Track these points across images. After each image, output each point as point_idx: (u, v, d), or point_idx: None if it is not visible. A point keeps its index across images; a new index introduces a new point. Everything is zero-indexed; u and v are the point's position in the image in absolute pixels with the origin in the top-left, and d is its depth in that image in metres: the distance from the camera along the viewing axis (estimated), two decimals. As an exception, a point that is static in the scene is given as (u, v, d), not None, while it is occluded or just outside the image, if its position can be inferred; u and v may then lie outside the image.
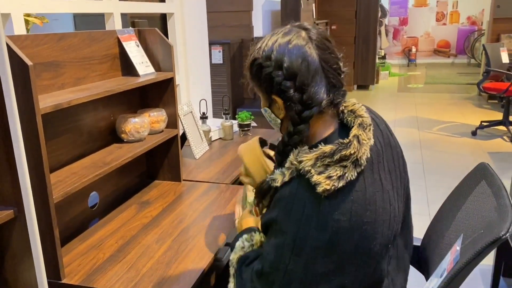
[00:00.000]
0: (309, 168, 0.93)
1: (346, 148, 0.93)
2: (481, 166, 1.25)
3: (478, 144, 4.72)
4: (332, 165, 0.92)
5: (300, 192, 0.94)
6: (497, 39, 6.72)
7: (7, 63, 0.97)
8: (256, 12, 4.84)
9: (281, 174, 0.99)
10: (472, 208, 1.19)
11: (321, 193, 0.91)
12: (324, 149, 0.94)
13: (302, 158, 0.95)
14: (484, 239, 0.91)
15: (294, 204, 0.94)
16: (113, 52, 1.76)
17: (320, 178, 0.91)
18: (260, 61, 0.99)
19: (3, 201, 1.07)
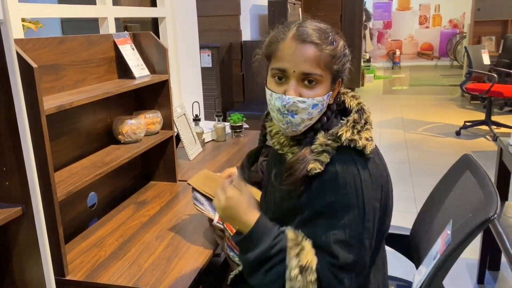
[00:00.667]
0: (351, 137, 1.00)
1: (365, 113, 1.06)
2: (465, 157, 1.33)
3: (462, 143, 4.85)
4: (362, 130, 1.03)
5: (348, 164, 0.99)
6: (478, 41, 6.90)
7: (16, 68, 1.01)
8: (244, 16, 4.90)
9: (316, 161, 0.99)
10: (458, 197, 1.27)
11: (368, 154, 1.01)
12: (353, 118, 1.04)
13: (339, 133, 1.01)
14: (474, 221, 0.99)
15: (347, 177, 0.98)
16: (110, 55, 1.80)
17: (363, 141, 1.00)
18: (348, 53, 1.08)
19: (11, 198, 1.11)
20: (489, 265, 2.45)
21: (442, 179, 1.47)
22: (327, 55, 1.01)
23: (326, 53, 1.01)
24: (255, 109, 4.36)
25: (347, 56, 1.06)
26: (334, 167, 0.99)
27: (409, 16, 11.37)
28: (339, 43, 1.05)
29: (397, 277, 1.54)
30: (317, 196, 1.01)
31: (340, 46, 1.05)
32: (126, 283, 1.28)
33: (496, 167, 2.33)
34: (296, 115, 1.03)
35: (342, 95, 1.12)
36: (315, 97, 1.02)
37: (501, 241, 1.95)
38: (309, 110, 1.02)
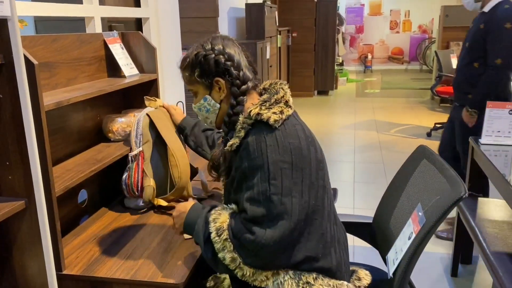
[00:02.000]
0: (258, 111, 1.21)
1: (277, 94, 1.26)
2: (420, 148, 1.49)
3: (433, 144, 5.03)
4: (273, 107, 1.22)
5: (258, 134, 1.20)
6: (447, 46, 7.16)
7: (22, 63, 1.03)
8: (222, 18, 4.95)
9: (236, 137, 1.23)
10: (419, 183, 1.42)
11: (273, 124, 1.19)
12: (263, 98, 1.26)
13: (250, 110, 1.22)
14: (446, 201, 1.15)
15: (256, 144, 1.18)
16: (100, 54, 1.82)
17: (269, 114, 1.20)
18: (204, 52, 1.28)
19: (14, 192, 1.12)
20: (462, 259, 2.57)
21: (400, 169, 1.60)
22: (185, 74, 1.33)
23: (184, 73, 1.34)
24: (233, 110, 4.40)
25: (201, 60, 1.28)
26: (247, 139, 1.21)
27: (380, 21, 11.67)
28: (191, 57, 1.30)
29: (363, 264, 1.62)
30: (238, 165, 1.22)
31: (191, 59, 1.29)
32: (124, 276, 1.31)
33: (468, 166, 2.46)
34: (198, 116, 1.38)
35: (274, 84, 1.33)
36: (196, 104, 1.34)
37: (474, 235, 2.06)
38: (200, 113, 1.35)
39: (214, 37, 1.32)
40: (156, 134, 1.73)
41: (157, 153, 1.75)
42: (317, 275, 1.23)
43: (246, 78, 1.29)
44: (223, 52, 1.28)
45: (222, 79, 1.28)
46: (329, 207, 1.29)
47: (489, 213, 2.24)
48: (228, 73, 1.28)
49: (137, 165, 1.70)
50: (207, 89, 1.31)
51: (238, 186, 1.23)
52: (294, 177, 1.18)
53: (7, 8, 1.00)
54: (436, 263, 2.60)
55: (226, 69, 1.27)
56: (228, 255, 1.18)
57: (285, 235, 1.16)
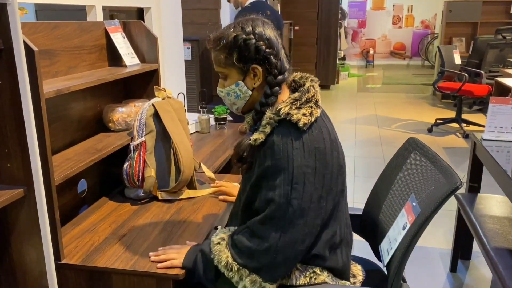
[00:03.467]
0: (288, 111, 1.17)
1: (308, 92, 1.21)
2: (411, 140, 1.50)
3: (434, 140, 5.02)
4: (303, 107, 1.18)
5: (284, 135, 1.16)
6: (449, 42, 7.13)
7: (22, 49, 1.02)
8: (224, 10, 4.91)
9: (261, 132, 1.19)
10: (410, 175, 1.42)
11: (302, 127, 1.15)
12: (294, 96, 1.21)
13: (279, 107, 1.18)
14: (441, 191, 1.15)
15: (282, 145, 1.15)
16: (101, 42, 1.80)
17: (299, 115, 1.16)
18: (244, 36, 1.19)
19: (13, 180, 1.11)
20: (461, 255, 2.57)
21: (390, 161, 1.61)
22: (219, 55, 1.23)
23: (217, 53, 1.23)
24: (234, 103, 4.39)
25: (241, 43, 1.19)
26: (273, 137, 1.17)
27: (383, 16, 11.61)
28: (229, 39, 1.20)
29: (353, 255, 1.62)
30: (260, 162, 1.20)
31: (230, 41, 1.20)
32: (123, 266, 1.30)
33: (470, 161, 2.45)
34: (224, 100, 1.31)
35: (305, 79, 1.29)
36: (225, 87, 1.26)
37: (475, 230, 2.06)
38: (227, 98, 1.28)
39: (254, 19, 1.23)
40: (161, 125, 1.72)
41: (162, 145, 1.73)
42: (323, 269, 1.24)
43: (284, 68, 1.24)
44: (264, 38, 1.21)
45: (260, 67, 1.21)
46: (344, 210, 1.28)
47: (489, 208, 2.23)
48: (267, 61, 1.21)
49: (138, 155, 1.69)
50: (241, 74, 1.23)
51: (257, 183, 1.21)
52: (315, 182, 1.16)
53: (7, -8, 0.98)
54: (435, 259, 2.60)
55: (266, 57, 1.20)
56: (247, 280, 1.18)
57: (299, 240, 1.15)
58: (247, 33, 1.20)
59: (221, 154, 2.30)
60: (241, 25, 1.22)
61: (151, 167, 1.69)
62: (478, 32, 7.00)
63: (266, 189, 1.17)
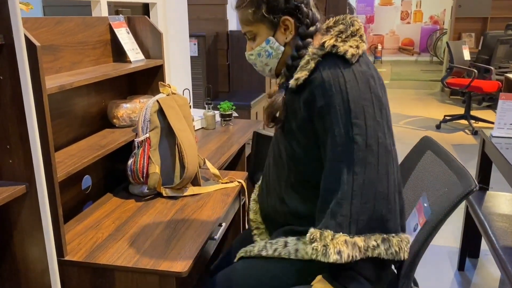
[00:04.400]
0: (333, 43, 1.08)
1: (353, 26, 1.13)
2: (424, 138, 1.45)
3: (442, 137, 4.97)
4: (348, 40, 1.09)
5: (332, 68, 1.06)
6: (458, 38, 7.05)
7: (23, 45, 1.01)
8: (230, 6, 4.89)
9: (303, 70, 1.09)
10: (424, 175, 1.38)
11: (350, 59, 1.06)
12: (338, 28, 1.12)
13: (323, 40, 1.10)
14: (455, 193, 1.10)
15: (333, 80, 1.05)
16: (105, 38, 1.79)
17: (346, 47, 1.07)
18: None
19: (15, 176, 1.11)
20: (469, 253, 2.54)
21: (403, 160, 1.57)
22: (245, 12, 1.16)
23: (245, 10, 1.16)
24: (240, 99, 4.37)
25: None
26: (320, 74, 1.07)
27: (391, 11, 11.51)
28: None
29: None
30: (311, 104, 1.09)
31: None
32: (126, 263, 1.29)
33: (479, 158, 2.41)
34: (256, 65, 1.24)
35: (342, 20, 1.19)
36: (255, 47, 1.19)
37: (483, 228, 2.03)
38: (259, 59, 1.21)
39: None
40: (166, 122, 1.70)
41: (166, 141, 1.72)
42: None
43: (315, 18, 1.16)
44: None
45: (291, 18, 1.14)
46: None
47: (498, 206, 2.20)
48: (299, 11, 1.13)
49: (143, 151, 1.68)
50: (271, 29, 1.16)
51: (305, 128, 1.10)
52: (376, 116, 1.04)
53: (8, -13, 0.97)
54: (443, 257, 2.57)
55: (297, 6, 1.13)
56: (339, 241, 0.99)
57: (376, 180, 1.01)
58: None
59: (226, 150, 2.29)
60: None
61: (156, 163, 1.68)
62: (488, 28, 6.91)
63: (322, 132, 1.07)
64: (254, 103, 4.31)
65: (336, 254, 0.98)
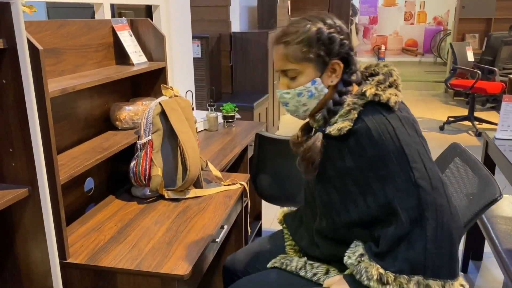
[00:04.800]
0: (374, 92, 1.10)
1: (391, 76, 1.15)
2: (453, 145, 1.42)
3: (446, 138, 4.95)
4: (387, 89, 1.11)
5: (377, 118, 1.08)
6: (462, 39, 7.03)
7: (26, 49, 1.01)
8: (233, 8, 4.90)
9: (345, 120, 1.10)
10: (450, 182, 1.34)
11: (394, 106, 1.08)
12: (378, 79, 1.14)
13: (364, 89, 1.11)
14: (480, 202, 1.08)
15: (380, 128, 1.06)
16: (108, 41, 1.80)
17: (387, 95, 1.09)
18: (328, 30, 1.12)
19: (18, 179, 1.11)
20: (473, 255, 2.53)
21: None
22: (295, 49, 1.12)
23: (293, 47, 1.13)
24: (243, 100, 4.38)
25: (325, 38, 1.12)
26: (364, 123, 1.08)
27: (395, 12, 11.49)
28: (310, 32, 1.12)
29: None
30: (358, 154, 1.08)
31: (310, 35, 1.12)
32: (128, 266, 1.29)
33: (482, 160, 2.40)
34: (287, 104, 1.19)
35: (375, 67, 1.22)
36: (296, 87, 1.15)
37: (486, 231, 2.02)
38: (296, 99, 1.16)
39: (326, 13, 1.17)
40: (168, 124, 1.71)
41: (169, 143, 1.73)
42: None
43: (357, 66, 1.18)
44: (344, 32, 1.14)
45: (342, 62, 1.14)
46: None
47: (502, 209, 2.19)
48: (349, 57, 1.15)
49: (145, 153, 1.68)
50: (319, 70, 1.14)
51: (364, 177, 1.09)
52: (430, 158, 1.07)
53: (11, -9, 0.98)
54: (446, 259, 2.56)
55: (348, 53, 1.14)
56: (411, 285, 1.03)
57: (447, 222, 1.02)
58: (330, 26, 1.13)
59: (228, 152, 2.29)
60: (319, 18, 1.14)
61: (158, 166, 1.68)
62: (492, 29, 6.89)
63: (379, 182, 1.06)
64: (257, 104, 4.32)
65: None
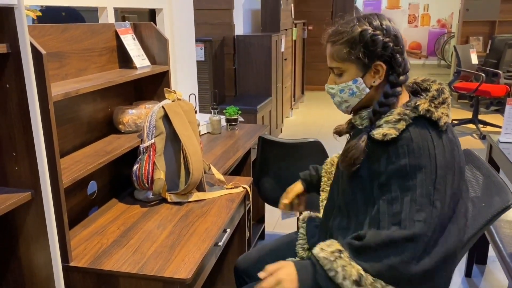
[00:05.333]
0: (428, 107, 1.12)
1: (443, 94, 1.17)
2: (466, 152, 1.39)
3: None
4: (440, 106, 1.14)
5: (423, 132, 1.10)
6: (466, 41, 7.01)
7: (29, 53, 1.02)
8: (237, 11, 4.91)
9: (392, 128, 1.12)
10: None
11: (442, 126, 1.11)
12: (432, 94, 1.16)
13: (418, 103, 1.13)
14: (493, 208, 1.09)
15: (422, 143, 1.09)
16: (111, 45, 1.81)
17: (439, 113, 1.12)
18: (371, 31, 1.15)
19: (21, 183, 1.12)
20: (477, 259, 2.52)
21: None
22: (339, 49, 1.18)
23: (338, 47, 1.18)
24: (247, 103, 4.38)
25: (369, 39, 1.14)
26: (409, 133, 1.11)
27: (398, 15, 11.48)
28: (355, 32, 1.16)
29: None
30: (393, 160, 1.11)
31: (355, 35, 1.15)
32: (130, 269, 1.29)
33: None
34: (334, 97, 1.25)
35: (426, 82, 1.24)
36: (339, 84, 1.21)
37: (490, 235, 2.01)
38: (339, 95, 1.23)
39: (378, 14, 1.19)
40: (171, 127, 1.71)
41: (171, 147, 1.73)
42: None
43: (407, 68, 1.19)
44: (391, 34, 1.16)
45: (384, 64, 1.16)
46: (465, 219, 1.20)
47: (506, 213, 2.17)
48: (393, 59, 1.16)
49: (148, 157, 1.69)
50: (361, 71, 1.18)
51: (388, 182, 1.11)
52: (454, 186, 1.10)
53: (14, -4, 0.98)
54: (450, 263, 2.55)
55: (393, 55, 1.15)
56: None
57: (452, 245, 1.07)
58: (375, 27, 1.15)
59: (231, 155, 2.29)
60: (367, 19, 1.17)
61: (161, 169, 1.69)
62: (496, 31, 6.87)
63: (403, 189, 1.08)
64: (260, 107, 4.32)
65: None
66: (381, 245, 1.06)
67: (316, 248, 1.14)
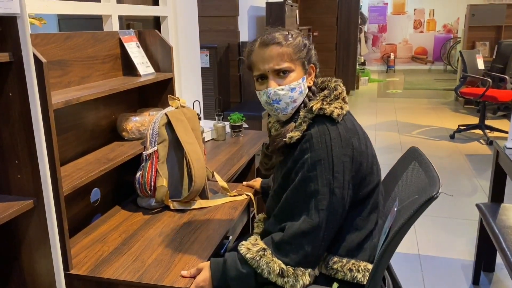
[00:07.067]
0: (320, 106, 1.26)
1: (336, 90, 1.32)
2: (412, 149, 1.53)
3: (456, 147, 4.90)
4: (333, 103, 1.27)
5: (320, 128, 1.24)
6: (472, 46, 6.98)
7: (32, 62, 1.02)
8: (241, 17, 4.92)
9: (296, 131, 1.27)
10: (405, 183, 1.43)
11: (336, 118, 1.24)
12: (323, 94, 1.31)
13: (311, 105, 1.28)
14: (420, 200, 1.14)
15: (320, 136, 1.22)
16: (115, 52, 1.82)
17: (331, 108, 1.25)
18: (308, 44, 1.34)
19: (23, 191, 1.12)
20: (484, 267, 2.48)
21: (391, 170, 1.62)
22: (289, 50, 1.28)
23: (287, 48, 1.28)
24: (252, 109, 4.38)
25: (307, 46, 1.33)
26: (310, 132, 1.25)
27: (404, 20, 11.47)
28: (297, 39, 1.31)
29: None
30: (298, 157, 1.26)
31: (298, 41, 1.31)
32: (130, 278, 1.29)
33: (492, 169, 2.37)
34: (280, 101, 1.30)
35: (327, 82, 1.37)
36: (290, 83, 1.29)
37: (497, 242, 1.98)
38: (289, 94, 1.30)
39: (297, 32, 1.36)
40: (174, 135, 1.71)
41: (174, 154, 1.73)
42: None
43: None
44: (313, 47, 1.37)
45: (315, 67, 1.36)
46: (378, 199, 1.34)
47: (513, 220, 2.15)
48: (316, 66, 1.36)
49: (151, 164, 1.69)
50: (303, 72, 1.32)
51: (292, 175, 1.27)
52: (353, 170, 1.22)
53: (17, 5, 0.99)
54: (457, 270, 2.52)
55: (315, 60, 1.36)
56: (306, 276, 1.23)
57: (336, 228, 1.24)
58: (307, 40, 1.35)
59: (235, 162, 2.29)
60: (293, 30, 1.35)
61: (163, 176, 1.69)
62: (503, 36, 6.83)
63: (305, 181, 1.22)
64: (265, 113, 4.31)
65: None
66: (295, 238, 1.21)
67: (243, 248, 1.27)
